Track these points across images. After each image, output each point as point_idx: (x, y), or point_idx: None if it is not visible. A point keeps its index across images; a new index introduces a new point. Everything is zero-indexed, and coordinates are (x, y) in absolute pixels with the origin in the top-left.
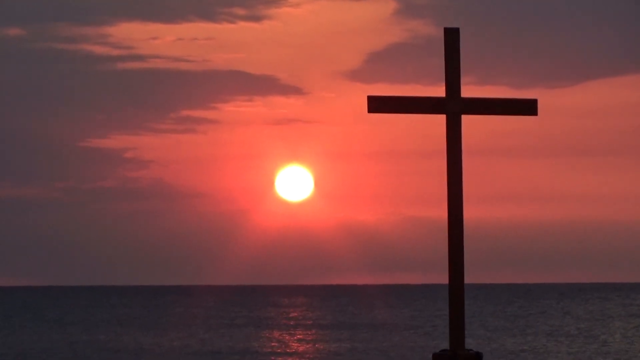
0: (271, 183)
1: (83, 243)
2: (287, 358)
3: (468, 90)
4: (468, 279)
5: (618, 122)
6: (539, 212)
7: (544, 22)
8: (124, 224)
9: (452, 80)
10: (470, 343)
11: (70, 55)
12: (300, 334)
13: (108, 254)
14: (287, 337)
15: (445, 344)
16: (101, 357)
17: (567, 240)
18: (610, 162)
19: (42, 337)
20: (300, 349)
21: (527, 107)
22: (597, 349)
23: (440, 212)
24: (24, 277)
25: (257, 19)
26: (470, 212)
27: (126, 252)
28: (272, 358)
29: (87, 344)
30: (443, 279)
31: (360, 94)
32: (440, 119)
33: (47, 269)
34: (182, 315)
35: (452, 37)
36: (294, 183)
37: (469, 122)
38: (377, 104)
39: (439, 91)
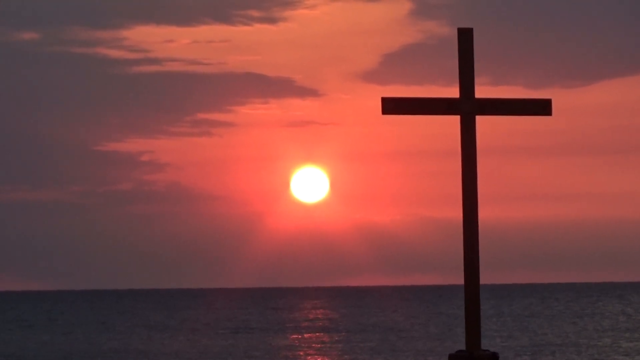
0: (287, 185)
1: (99, 246)
2: None
3: (482, 91)
4: (483, 279)
5: (634, 120)
6: (555, 211)
7: (558, 22)
8: (140, 227)
9: (466, 80)
10: (486, 343)
11: (86, 59)
12: (315, 337)
13: (124, 258)
14: (302, 340)
15: (461, 345)
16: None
17: (585, 240)
18: (627, 161)
19: (59, 342)
20: (315, 352)
21: (541, 108)
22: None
23: (456, 213)
24: (40, 280)
25: (272, 21)
26: (485, 212)
27: (142, 256)
28: None
29: (103, 348)
30: (459, 279)
31: (375, 95)
32: (455, 119)
33: (63, 273)
34: (196, 318)
35: (465, 38)
36: (310, 184)
37: (484, 122)
38: (391, 106)
39: (455, 92)
